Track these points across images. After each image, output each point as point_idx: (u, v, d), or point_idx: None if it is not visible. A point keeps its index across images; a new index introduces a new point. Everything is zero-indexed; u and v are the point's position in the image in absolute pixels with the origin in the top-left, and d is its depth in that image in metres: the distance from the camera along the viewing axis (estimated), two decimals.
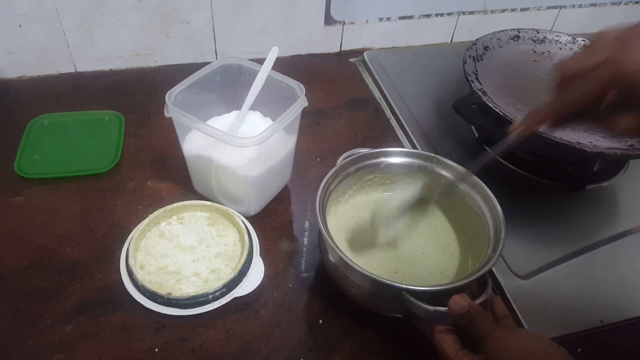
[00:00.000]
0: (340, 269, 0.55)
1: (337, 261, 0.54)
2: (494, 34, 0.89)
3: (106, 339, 0.55)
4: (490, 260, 0.52)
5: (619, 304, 0.62)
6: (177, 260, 0.60)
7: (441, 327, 0.49)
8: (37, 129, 0.77)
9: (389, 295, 0.51)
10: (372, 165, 0.63)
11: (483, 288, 0.51)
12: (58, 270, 0.61)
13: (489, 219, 0.57)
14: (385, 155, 0.64)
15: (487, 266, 0.51)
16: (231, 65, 0.67)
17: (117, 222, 0.66)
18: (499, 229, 0.55)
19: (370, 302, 0.56)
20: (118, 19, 0.85)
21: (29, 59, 0.85)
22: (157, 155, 0.76)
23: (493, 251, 0.53)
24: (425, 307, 0.48)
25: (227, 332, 0.57)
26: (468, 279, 0.50)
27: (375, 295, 0.53)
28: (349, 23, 0.99)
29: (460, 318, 0.47)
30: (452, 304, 0.47)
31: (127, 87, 0.88)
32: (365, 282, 0.53)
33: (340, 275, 0.55)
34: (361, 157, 0.62)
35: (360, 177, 0.64)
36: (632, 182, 0.80)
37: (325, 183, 0.58)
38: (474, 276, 0.50)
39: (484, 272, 0.50)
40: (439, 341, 0.48)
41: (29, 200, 0.68)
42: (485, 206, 0.58)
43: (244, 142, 0.56)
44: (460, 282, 0.50)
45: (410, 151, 0.64)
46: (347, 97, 0.91)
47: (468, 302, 0.47)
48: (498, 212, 0.56)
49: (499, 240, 0.53)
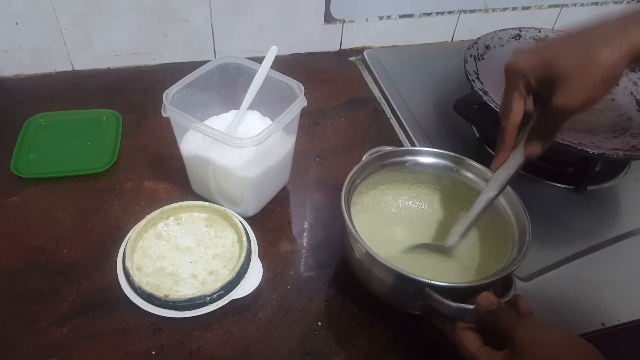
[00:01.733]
0: (365, 263, 0.54)
1: (362, 255, 0.54)
2: (495, 32, 0.89)
3: (102, 342, 0.54)
4: (516, 260, 0.52)
5: (620, 307, 0.62)
6: (175, 262, 0.60)
7: (463, 325, 0.49)
8: (34, 129, 0.76)
9: (412, 291, 0.51)
10: (397, 164, 0.63)
11: (508, 287, 0.51)
12: (54, 272, 0.60)
13: (514, 222, 0.57)
14: (412, 154, 0.63)
15: (513, 265, 0.51)
16: (229, 64, 0.66)
17: (114, 222, 0.66)
18: (523, 231, 0.55)
19: (393, 297, 0.56)
20: (115, 18, 0.84)
21: (26, 57, 0.85)
22: (155, 155, 0.75)
23: (518, 252, 0.53)
24: (449, 304, 0.48)
25: (225, 334, 0.56)
26: (494, 277, 0.50)
27: (398, 290, 0.53)
28: (349, 21, 0.98)
29: (487, 315, 0.47)
30: (481, 300, 0.47)
31: (125, 86, 0.87)
32: (389, 277, 0.52)
33: (364, 270, 0.55)
34: (387, 154, 0.62)
35: (384, 174, 0.63)
36: (633, 183, 0.79)
37: (351, 177, 0.58)
38: (500, 275, 0.50)
39: (509, 271, 0.51)
40: (461, 338, 0.48)
41: (25, 201, 0.67)
42: (510, 209, 0.58)
43: (242, 143, 0.56)
44: (486, 280, 0.50)
45: (437, 151, 0.63)
46: (346, 96, 0.91)
47: (497, 299, 0.47)
48: (525, 216, 0.56)
49: (524, 242, 0.54)
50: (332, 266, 0.64)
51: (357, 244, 0.53)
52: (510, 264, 0.52)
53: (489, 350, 0.46)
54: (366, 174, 0.61)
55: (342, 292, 0.61)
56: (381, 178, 0.64)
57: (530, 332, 0.44)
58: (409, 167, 0.63)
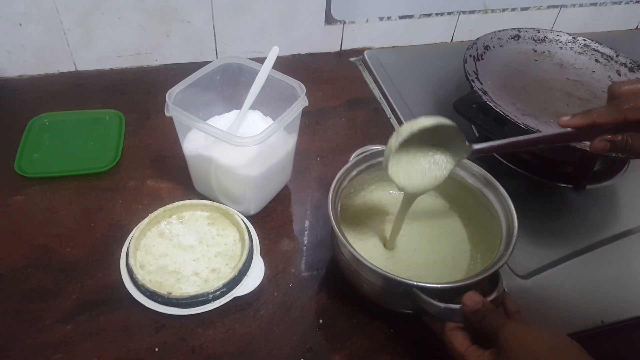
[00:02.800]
0: (353, 265, 0.55)
1: (349, 257, 0.54)
2: (494, 33, 0.89)
3: (106, 339, 0.55)
4: (502, 257, 0.52)
5: (619, 304, 0.62)
6: (177, 260, 0.60)
7: (452, 325, 0.49)
8: (37, 128, 0.77)
9: (400, 292, 0.51)
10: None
11: (494, 285, 0.51)
12: (57, 270, 0.60)
13: (502, 217, 0.57)
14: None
15: (499, 263, 0.51)
16: (231, 65, 0.67)
17: (117, 221, 0.66)
18: (511, 227, 0.55)
19: (382, 298, 0.56)
20: (118, 18, 0.85)
21: (29, 57, 0.85)
22: (157, 154, 0.76)
23: (505, 249, 0.53)
24: (437, 304, 0.48)
25: (227, 331, 0.57)
26: (480, 276, 0.50)
27: (387, 291, 0.54)
28: (349, 22, 0.98)
29: (472, 315, 0.47)
30: (466, 300, 0.47)
31: (127, 86, 0.88)
32: (377, 279, 0.53)
33: (353, 271, 0.55)
34: (374, 154, 0.62)
35: (372, 174, 0.63)
36: (632, 182, 0.80)
37: (338, 179, 0.58)
38: (486, 273, 0.50)
39: (495, 269, 0.51)
40: (449, 338, 0.49)
41: (28, 200, 0.68)
42: (498, 204, 0.59)
43: (244, 142, 0.56)
44: (472, 280, 0.50)
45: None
46: (347, 96, 0.91)
47: (481, 299, 0.47)
48: (511, 211, 0.56)
49: (511, 238, 0.54)
50: (333, 264, 0.64)
51: (344, 247, 0.53)
52: (496, 262, 0.52)
53: (477, 350, 0.47)
54: (354, 174, 0.61)
55: (343, 290, 0.61)
56: (370, 177, 0.64)
57: (515, 333, 0.44)
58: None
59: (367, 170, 0.62)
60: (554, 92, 0.83)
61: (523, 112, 0.77)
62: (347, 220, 0.63)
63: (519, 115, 0.75)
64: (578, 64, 0.89)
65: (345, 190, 0.61)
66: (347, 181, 0.60)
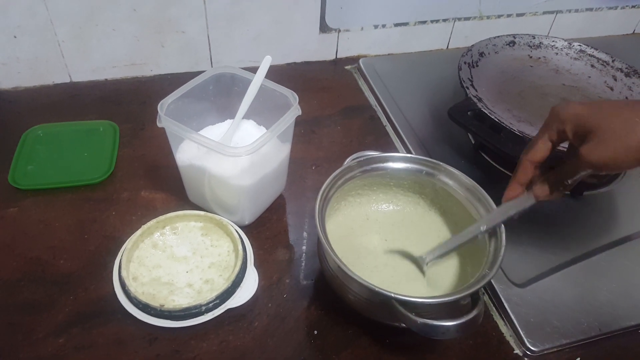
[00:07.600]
0: (339, 277, 0.54)
1: (335, 268, 0.54)
2: (489, 39, 0.89)
3: (99, 352, 0.54)
4: (485, 277, 0.50)
5: (617, 312, 0.62)
6: (171, 271, 0.60)
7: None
8: (32, 140, 0.76)
9: (379, 302, 0.50)
10: (377, 169, 0.62)
11: (475, 303, 0.49)
12: (51, 283, 0.60)
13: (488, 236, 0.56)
14: (393, 160, 0.62)
15: (481, 283, 0.49)
16: (224, 74, 0.67)
17: (111, 233, 0.66)
18: (499, 245, 0.53)
19: (368, 310, 0.55)
20: (113, 29, 0.85)
21: (24, 69, 0.85)
22: (151, 165, 0.75)
23: (490, 268, 0.52)
24: (414, 319, 0.47)
25: (221, 343, 0.56)
26: (459, 294, 0.49)
27: (372, 303, 0.53)
28: (344, 30, 0.99)
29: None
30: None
31: (122, 96, 0.88)
32: (361, 290, 0.52)
33: (339, 283, 0.54)
34: (368, 160, 0.62)
35: (362, 181, 0.63)
36: (630, 188, 0.79)
37: (325, 189, 0.57)
38: (467, 292, 0.49)
39: (477, 288, 0.49)
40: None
41: (22, 212, 0.68)
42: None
43: (236, 152, 0.56)
44: (451, 297, 0.49)
45: (416, 157, 0.63)
46: (342, 104, 0.91)
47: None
48: (501, 231, 0.54)
49: (498, 257, 0.52)
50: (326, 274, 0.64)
51: (330, 257, 0.52)
52: (479, 280, 0.50)
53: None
54: (342, 182, 0.60)
55: (338, 300, 0.60)
56: (362, 183, 0.63)
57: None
58: (390, 173, 0.63)
59: (358, 177, 0.61)
60: (550, 98, 0.83)
61: (519, 118, 0.77)
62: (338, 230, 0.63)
63: (514, 121, 0.75)
64: (574, 69, 0.89)
65: (334, 199, 0.60)
66: (335, 189, 0.59)
